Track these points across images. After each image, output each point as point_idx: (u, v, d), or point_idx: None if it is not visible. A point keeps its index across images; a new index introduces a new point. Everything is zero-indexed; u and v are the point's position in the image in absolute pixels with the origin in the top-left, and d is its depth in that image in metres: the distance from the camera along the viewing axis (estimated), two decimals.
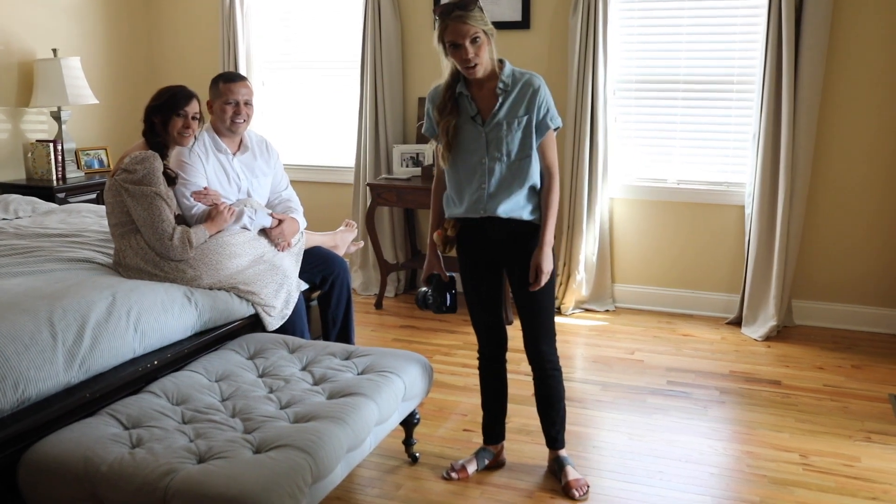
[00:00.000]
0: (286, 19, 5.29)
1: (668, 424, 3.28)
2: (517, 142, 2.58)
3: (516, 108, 2.57)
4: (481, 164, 2.60)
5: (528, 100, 2.57)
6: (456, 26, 2.47)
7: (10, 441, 2.20)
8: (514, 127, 2.57)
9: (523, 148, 2.59)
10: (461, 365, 3.91)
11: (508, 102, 2.58)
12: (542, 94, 2.58)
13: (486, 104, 2.60)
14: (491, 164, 2.59)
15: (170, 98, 3.00)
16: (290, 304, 3.20)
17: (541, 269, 2.61)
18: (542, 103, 2.58)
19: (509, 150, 2.59)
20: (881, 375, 3.77)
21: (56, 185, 4.66)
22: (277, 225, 3.26)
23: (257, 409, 2.44)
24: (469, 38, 2.48)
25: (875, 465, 2.96)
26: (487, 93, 2.59)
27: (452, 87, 2.61)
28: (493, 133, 2.58)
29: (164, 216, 2.91)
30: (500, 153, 2.58)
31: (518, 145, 2.59)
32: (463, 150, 2.61)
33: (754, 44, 4.29)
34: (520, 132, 2.58)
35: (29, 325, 2.39)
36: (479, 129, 2.59)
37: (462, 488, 2.80)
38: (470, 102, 2.60)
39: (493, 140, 2.58)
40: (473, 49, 2.49)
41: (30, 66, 4.77)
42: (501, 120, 2.57)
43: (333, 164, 5.30)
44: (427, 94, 2.70)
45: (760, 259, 4.31)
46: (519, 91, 2.58)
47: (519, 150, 2.59)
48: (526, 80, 2.59)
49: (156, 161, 2.93)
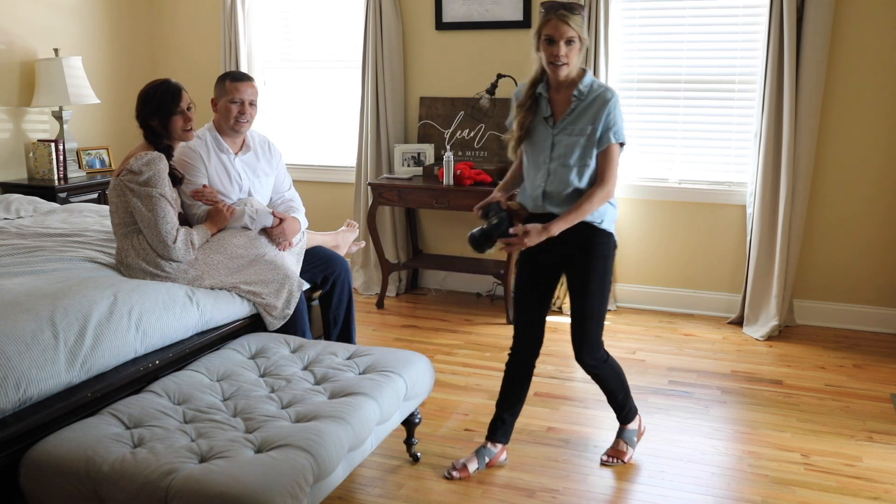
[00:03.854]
0: (287, 19, 5.30)
1: (670, 424, 3.28)
2: (578, 149, 2.68)
3: (585, 118, 2.67)
4: (544, 163, 2.73)
5: (597, 111, 2.66)
6: (557, 23, 2.60)
7: (12, 440, 2.21)
8: (579, 135, 2.67)
9: (583, 156, 2.68)
10: (463, 364, 3.91)
11: (579, 110, 2.68)
12: (611, 108, 2.66)
13: (560, 108, 2.72)
14: (552, 165, 2.71)
15: (162, 99, 2.96)
16: (291, 304, 3.20)
17: (528, 232, 2.62)
18: (608, 117, 2.66)
19: (570, 155, 2.68)
20: (883, 375, 3.77)
21: (57, 184, 4.66)
22: (279, 224, 3.26)
23: (259, 408, 2.44)
24: (565, 38, 2.61)
25: (877, 465, 2.96)
26: (563, 98, 2.71)
27: (534, 87, 2.75)
28: (559, 136, 2.70)
29: (168, 218, 2.91)
30: (562, 156, 2.69)
31: (579, 152, 2.68)
32: (532, 148, 2.76)
33: (756, 43, 4.29)
34: (583, 140, 2.67)
35: (31, 324, 2.40)
36: (548, 131, 2.72)
37: (463, 488, 2.80)
38: (546, 104, 2.73)
39: (558, 143, 2.70)
40: (566, 49, 2.62)
41: (31, 66, 4.77)
42: (569, 126, 2.69)
43: (335, 164, 5.31)
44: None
45: (762, 259, 4.31)
46: (591, 102, 2.68)
47: (579, 158, 2.69)
48: (600, 93, 2.68)
49: (161, 162, 2.92)
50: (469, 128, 4.84)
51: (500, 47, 4.75)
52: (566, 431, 3.22)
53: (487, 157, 4.80)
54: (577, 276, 2.77)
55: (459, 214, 4.97)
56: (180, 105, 2.99)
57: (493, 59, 4.74)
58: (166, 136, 3.00)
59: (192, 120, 3.05)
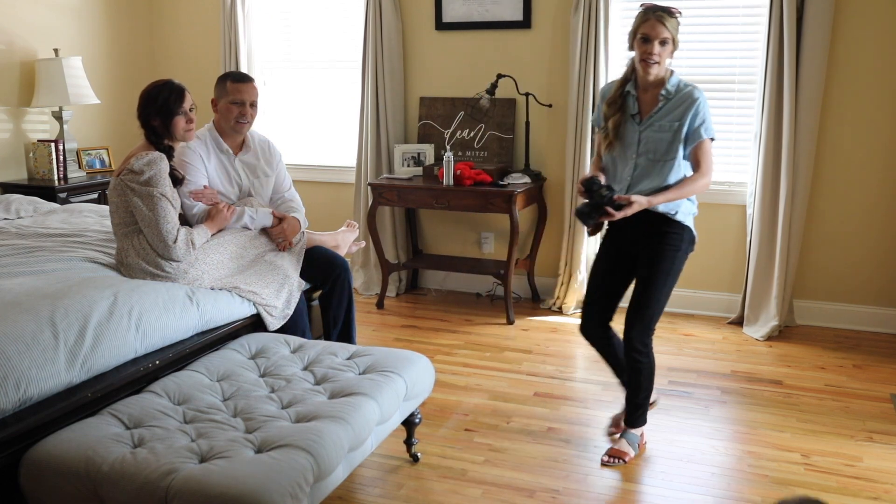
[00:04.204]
0: (287, 19, 5.30)
1: (670, 424, 3.28)
2: (665, 144, 2.85)
3: (672, 115, 2.85)
4: (631, 157, 2.90)
5: (685, 109, 2.83)
6: (655, 24, 2.79)
7: (12, 441, 2.21)
8: (665, 130, 2.85)
9: (669, 151, 2.85)
10: (463, 365, 3.91)
11: (666, 108, 2.86)
12: (700, 106, 2.83)
13: (647, 106, 2.89)
14: (638, 160, 2.89)
15: (165, 99, 2.96)
16: (291, 304, 3.20)
17: (630, 201, 2.77)
18: (697, 114, 2.83)
19: (656, 150, 2.86)
20: (883, 375, 3.77)
21: (57, 184, 4.66)
22: (279, 224, 3.26)
23: (259, 408, 2.44)
24: (660, 38, 2.79)
25: (877, 465, 2.96)
26: (651, 97, 2.89)
27: (623, 87, 2.92)
28: (646, 132, 2.87)
29: (168, 218, 2.90)
30: (649, 151, 2.87)
31: (665, 147, 2.86)
32: (620, 143, 2.92)
33: (756, 43, 4.29)
34: (669, 136, 2.85)
35: (31, 324, 2.40)
36: (636, 127, 2.89)
37: (462, 488, 2.80)
38: (634, 101, 2.90)
39: (644, 138, 2.88)
40: (659, 49, 2.80)
41: (31, 66, 4.77)
42: (656, 122, 2.86)
43: (335, 164, 5.31)
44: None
45: (762, 259, 4.31)
46: (678, 100, 2.85)
47: (665, 152, 2.86)
48: (687, 91, 2.86)
49: (162, 163, 2.92)
50: (469, 128, 4.84)
51: (500, 47, 4.75)
52: (566, 431, 3.23)
53: (487, 158, 4.80)
54: (646, 262, 2.91)
55: (459, 214, 4.97)
56: (183, 106, 2.99)
57: (493, 59, 4.74)
58: (167, 136, 3.00)
59: (195, 121, 3.06)
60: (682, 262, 2.94)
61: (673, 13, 2.82)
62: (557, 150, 4.73)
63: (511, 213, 4.36)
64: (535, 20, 4.66)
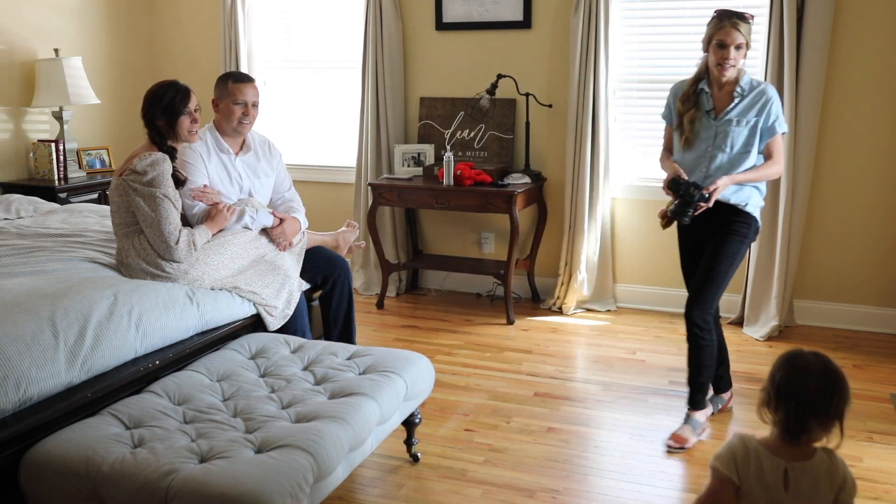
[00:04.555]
0: (287, 19, 5.30)
1: (670, 424, 3.28)
2: (742, 138, 3.04)
3: (748, 111, 3.03)
4: (707, 151, 3.07)
5: (761, 106, 3.03)
6: (730, 30, 2.96)
7: (12, 441, 2.21)
8: (742, 125, 3.03)
9: (745, 145, 3.04)
10: (463, 365, 3.91)
11: (742, 105, 3.04)
12: (774, 103, 3.04)
13: (722, 103, 3.07)
14: (714, 153, 3.06)
15: (171, 99, 2.97)
16: (291, 304, 3.20)
17: (716, 184, 2.97)
18: (771, 111, 3.03)
19: (733, 144, 3.04)
20: (883, 375, 3.77)
21: (58, 184, 4.66)
22: (279, 224, 3.26)
23: (259, 408, 2.45)
24: (736, 44, 2.97)
25: (877, 465, 2.96)
26: (724, 94, 3.07)
27: (696, 84, 3.09)
28: (722, 127, 3.05)
29: (171, 219, 2.90)
30: (725, 145, 3.05)
31: (742, 142, 3.04)
32: (695, 138, 3.10)
33: (756, 44, 4.26)
34: (746, 131, 3.03)
35: (31, 324, 2.40)
36: (711, 123, 3.07)
37: (462, 488, 2.80)
38: (708, 98, 3.08)
39: (720, 133, 3.05)
40: (735, 53, 2.98)
41: (31, 66, 4.77)
42: (732, 118, 3.04)
43: (335, 164, 5.30)
44: (671, 88, 3.25)
45: (762, 259, 4.30)
46: (753, 97, 3.04)
47: (742, 146, 3.04)
48: (761, 89, 3.05)
49: (165, 163, 2.92)
50: (469, 128, 4.84)
51: (500, 47, 4.75)
52: (566, 431, 3.23)
53: (487, 158, 4.80)
54: (714, 245, 3.08)
55: (459, 215, 4.97)
56: (188, 106, 3.00)
57: (493, 59, 4.74)
58: (171, 136, 3.00)
59: (199, 122, 3.06)
60: (746, 249, 3.14)
61: (746, 18, 2.98)
62: (557, 150, 4.73)
63: (511, 214, 4.36)
64: (535, 20, 4.66)
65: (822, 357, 1.76)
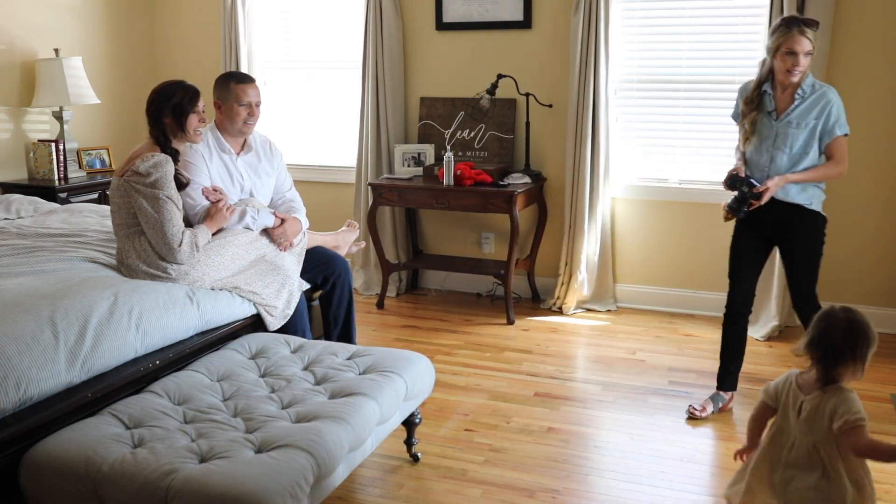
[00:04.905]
0: (287, 19, 5.30)
1: (670, 424, 3.28)
2: (802, 140, 3.11)
3: (809, 113, 3.10)
4: (768, 151, 3.16)
5: (822, 108, 3.09)
6: (800, 38, 3.00)
7: (12, 441, 2.21)
8: (801, 127, 3.11)
9: (805, 146, 3.12)
10: (463, 365, 3.91)
11: (803, 107, 3.10)
12: (834, 106, 3.10)
13: (783, 104, 3.15)
14: (775, 153, 3.15)
15: (181, 98, 2.96)
16: (291, 304, 3.20)
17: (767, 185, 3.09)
18: (831, 113, 3.09)
19: (792, 145, 3.12)
20: (883, 375, 3.77)
21: (58, 184, 4.66)
22: (280, 224, 3.26)
23: (259, 408, 2.45)
24: (805, 51, 3.02)
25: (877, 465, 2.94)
26: (787, 96, 3.14)
27: (760, 86, 3.16)
28: (782, 128, 3.13)
29: (174, 221, 2.89)
30: (785, 146, 3.13)
31: (802, 143, 3.12)
32: (757, 138, 3.19)
33: (756, 44, 4.28)
34: (806, 132, 3.10)
35: (31, 324, 2.40)
36: (772, 123, 3.15)
37: (462, 488, 2.80)
38: (770, 100, 3.16)
39: (781, 134, 3.13)
40: (803, 60, 3.03)
41: (32, 66, 4.77)
42: (793, 119, 3.11)
43: (335, 164, 5.31)
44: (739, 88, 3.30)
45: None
46: (814, 99, 3.10)
47: (801, 147, 3.12)
48: (822, 91, 3.11)
49: (168, 165, 2.91)
50: (469, 128, 4.84)
51: (500, 47, 4.75)
52: (566, 431, 3.23)
53: (487, 158, 4.80)
54: (791, 250, 3.23)
55: (459, 215, 4.97)
56: (197, 106, 2.99)
57: (493, 59, 4.74)
58: (176, 136, 2.99)
59: (206, 122, 3.06)
60: (823, 239, 3.28)
61: (813, 25, 3.02)
62: (557, 150, 4.73)
63: (511, 214, 4.36)
64: (535, 20, 4.66)
65: (850, 311, 2.19)
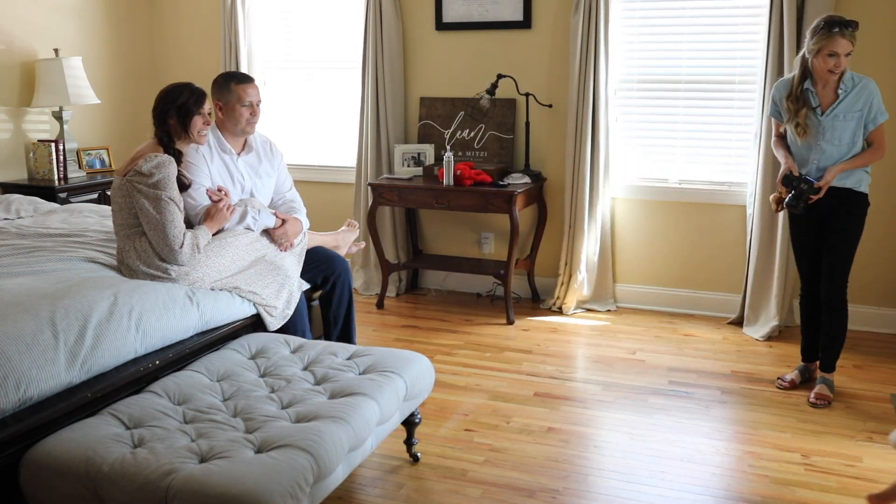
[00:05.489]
0: (287, 19, 5.30)
1: (670, 424, 3.28)
2: (848, 131, 3.28)
3: (853, 105, 3.26)
4: (817, 145, 3.31)
5: (865, 99, 3.26)
6: (842, 41, 3.15)
7: (12, 441, 2.21)
8: (847, 119, 3.26)
9: (852, 136, 3.29)
10: (463, 365, 3.91)
11: (848, 100, 3.26)
12: (876, 96, 3.28)
13: (827, 99, 3.30)
14: (824, 146, 3.31)
15: (187, 100, 2.96)
16: (291, 305, 3.20)
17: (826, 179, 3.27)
18: (873, 103, 3.27)
19: (841, 137, 3.28)
20: (883, 375, 3.77)
21: (58, 184, 4.66)
22: (281, 225, 3.26)
23: (259, 408, 2.44)
24: (846, 52, 3.16)
25: (877, 465, 2.96)
26: (829, 91, 3.29)
27: (801, 84, 3.31)
28: (829, 122, 3.28)
29: (176, 222, 2.89)
30: (833, 138, 3.29)
31: (849, 134, 3.28)
32: (806, 134, 3.31)
33: (756, 43, 4.29)
34: (852, 124, 3.27)
35: (31, 324, 2.40)
36: (818, 119, 3.29)
37: (462, 488, 2.80)
38: (813, 96, 3.30)
39: (829, 128, 3.28)
40: (845, 61, 3.18)
41: (31, 66, 4.77)
42: (839, 113, 3.26)
43: (335, 164, 5.31)
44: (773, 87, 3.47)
45: (762, 259, 4.31)
46: (857, 92, 3.26)
47: (850, 138, 3.29)
48: (863, 83, 3.28)
49: (171, 166, 2.90)
50: (469, 128, 4.84)
51: (500, 47, 4.75)
52: (566, 431, 3.23)
53: (487, 158, 4.80)
54: (837, 230, 3.36)
55: (459, 215, 4.97)
56: (203, 108, 3.00)
57: (493, 59, 4.75)
58: (180, 137, 2.99)
59: (210, 124, 3.07)
60: (864, 224, 3.41)
61: (852, 26, 3.15)
62: (557, 150, 4.73)
63: (511, 214, 4.36)
64: (535, 20, 4.66)
65: None
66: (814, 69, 3.25)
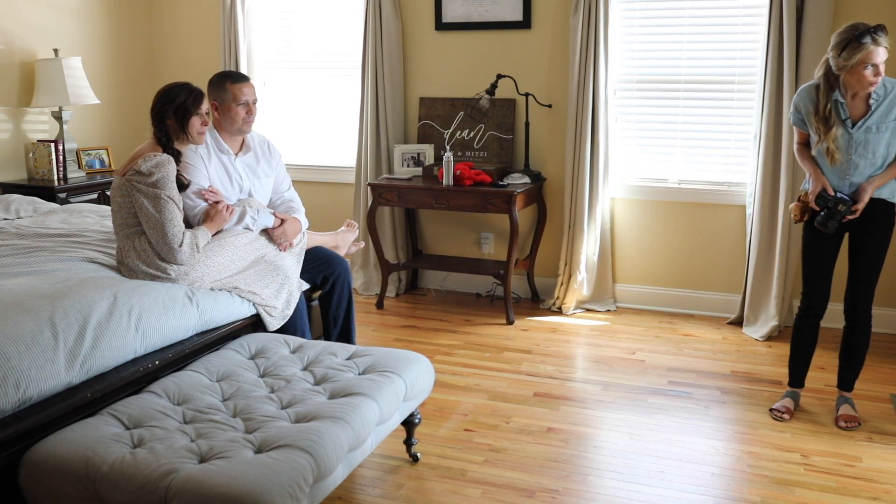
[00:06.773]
0: (287, 19, 5.30)
1: (670, 424, 3.28)
2: (883, 143, 3.05)
3: (886, 116, 3.02)
4: (849, 160, 3.08)
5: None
6: (877, 50, 2.90)
7: (12, 441, 2.21)
8: (881, 131, 3.03)
9: (886, 147, 3.06)
10: (462, 365, 3.91)
11: (880, 110, 3.02)
12: None
13: (858, 111, 3.05)
14: (857, 161, 3.07)
15: (185, 100, 2.96)
16: (291, 305, 3.20)
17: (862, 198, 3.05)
18: None
19: (875, 150, 3.05)
20: (883, 375, 3.77)
21: (57, 185, 4.66)
22: (280, 225, 3.26)
23: (258, 409, 2.44)
24: (882, 61, 2.92)
25: (876, 465, 2.96)
26: (859, 101, 3.05)
27: (828, 94, 3.04)
28: (861, 135, 3.04)
29: (175, 222, 2.89)
30: (866, 152, 3.06)
31: (884, 145, 3.05)
32: (836, 146, 3.07)
33: (756, 43, 4.29)
34: (886, 134, 3.04)
35: (30, 324, 2.40)
36: (848, 132, 3.05)
37: (462, 488, 2.81)
38: (843, 108, 3.05)
39: (861, 141, 3.05)
40: (882, 70, 2.93)
41: (31, 66, 4.77)
42: (871, 125, 3.03)
43: (334, 164, 5.31)
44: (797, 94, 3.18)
45: (761, 259, 4.31)
46: (889, 101, 3.02)
47: (884, 149, 3.06)
48: (894, 91, 3.02)
49: (170, 165, 2.91)
50: (469, 128, 4.84)
51: (500, 47, 4.75)
52: (566, 431, 3.23)
53: (487, 158, 4.80)
54: (868, 242, 3.16)
55: (459, 215, 4.97)
56: (200, 108, 3.00)
57: (493, 60, 4.75)
58: (178, 137, 2.99)
59: (208, 124, 3.07)
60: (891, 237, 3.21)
61: (884, 31, 2.94)
62: (557, 150, 4.73)
63: (511, 214, 4.36)
64: (535, 20, 4.66)
65: None
66: (846, 85, 3.00)
